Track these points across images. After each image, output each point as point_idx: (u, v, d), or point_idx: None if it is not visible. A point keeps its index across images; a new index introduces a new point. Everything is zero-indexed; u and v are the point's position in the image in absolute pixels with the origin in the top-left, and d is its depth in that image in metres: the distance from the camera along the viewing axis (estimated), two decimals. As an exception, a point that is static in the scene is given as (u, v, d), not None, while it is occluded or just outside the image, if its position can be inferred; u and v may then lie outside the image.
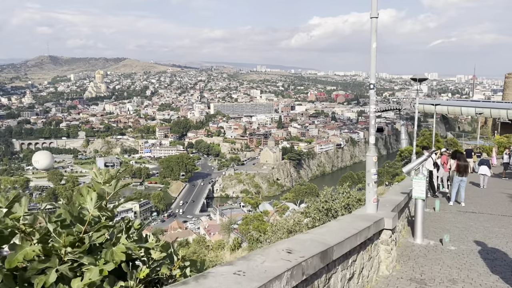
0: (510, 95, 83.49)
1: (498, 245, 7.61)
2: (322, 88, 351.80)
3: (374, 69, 5.71)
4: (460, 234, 8.59)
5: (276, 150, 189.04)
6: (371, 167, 6.01)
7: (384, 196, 8.12)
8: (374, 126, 5.88)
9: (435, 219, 10.45)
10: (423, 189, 7.15)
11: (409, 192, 8.45)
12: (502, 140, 49.82)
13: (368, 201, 5.92)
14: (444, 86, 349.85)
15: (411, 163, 7.54)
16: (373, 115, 5.95)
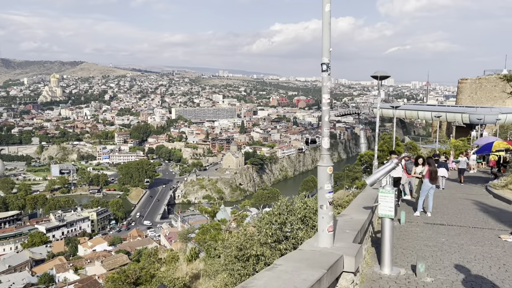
0: (464, 99, 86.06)
1: (481, 272, 6.32)
2: (284, 93, 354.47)
3: (328, 42, 4.27)
4: (433, 256, 7.24)
5: (239, 155, 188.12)
6: (325, 182, 4.50)
7: (344, 213, 6.66)
8: (328, 124, 4.41)
9: (402, 234, 9.12)
10: (391, 205, 5.74)
11: (373, 207, 7.09)
12: (458, 144, 50.60)
13: (322, 230, 4.43)
14: (400, 92, 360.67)
15: (376, 173, 6.08)
16: (326, 109, 4.49)
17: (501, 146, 25.03)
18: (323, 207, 4.63)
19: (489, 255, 7.36)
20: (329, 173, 4.52)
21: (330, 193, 4.57)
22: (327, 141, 4.59)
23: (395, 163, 5.95)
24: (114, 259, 73.98)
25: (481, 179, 26.38)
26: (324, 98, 4.57)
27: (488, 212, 13.22)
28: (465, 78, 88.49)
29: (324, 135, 4.62)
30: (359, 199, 9.06)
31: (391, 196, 5.77)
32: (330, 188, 4.55)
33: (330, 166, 4.56)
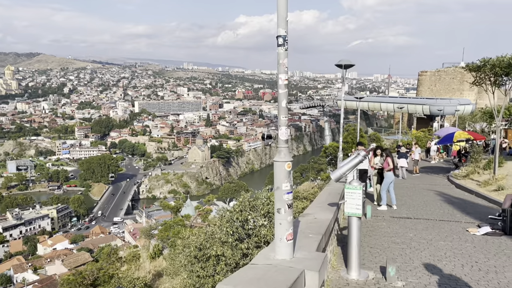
0: (424, 91, 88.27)
1: (454, 271, 5.88)
2: (250, 86, 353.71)
3: (285, 9, 3.48)
4: (402, 254, 6.77)
5: (205, 148, 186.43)
6: (282, 181, 3.73)
7: (307, 212, 6.04)
8: (286, 110, 3.71)
9: (369, 230, 8.66)
10: (359, 202, 5.18)
11: (339, 204, 6.53)
12: (419, 135, 51.66)
13: (279, 239, 3.73)
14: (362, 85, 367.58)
15: (341, 167, 5.50)
16: (283, 92, 3.74)
17: (462, 136, 25.35)
18: (280, 211, 3.81)
19: (460, 252, 6.98)
20: (287, 170, 3.74)
21: (289, 194, 3.79)
22: (285, 132, 3.75)
23: (363, 156, 5.37)
24: (75, 258, 71.46)
25: (443, 169, 26.77)
26: (280, 78, 3.73)
27: (452, 204, 13.09)
28: (424, 71, 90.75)
29: (281, 124, 3.76)
30: (324, 194, 8.50)
31: (358, 192, 5.20)
32: (289, 188, 3.77)
33: (289, 161, 3.77)
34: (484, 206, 12.99)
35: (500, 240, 7.94)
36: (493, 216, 9.48)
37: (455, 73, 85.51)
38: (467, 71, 17.69)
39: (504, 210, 8.62)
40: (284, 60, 3.58)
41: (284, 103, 3.79)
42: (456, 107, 67.27)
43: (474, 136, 25.61)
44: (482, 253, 6.89)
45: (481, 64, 16.57)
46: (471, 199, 14.52)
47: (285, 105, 3.74)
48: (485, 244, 7.54)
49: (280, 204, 3.83)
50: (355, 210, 5.21)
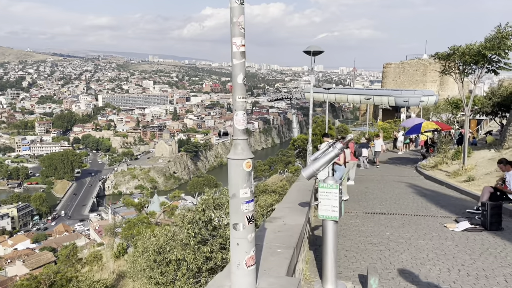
0: (388, 83, 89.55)
1: (441, 278, 5.22)
2: (217, 79, 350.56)
3: None
4: (381, 258, 6.07)
5: (172, 142, 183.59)
6: (240, 186, 2.83)
7: (275, 216, 5.15)
8: (243, 89, 2.79)
9: (343, 229, 7.96)
10: (336, 203, 4.40)
11: (311, 205, 5.73)
12: (385, 126, 52.12)
13: (237, 265, 2.72)
14: (329, 78, 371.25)
15: (314, 162, 4.68)
16: (239, 63, 2.75)
17: (429, 126, 25.33)
18: (238, 227, 2.82)
19: (442, 252, 6.35)
20: (246, 171, 2.80)
21: (250, 204, 2.84)
22: (242, 118, 2.79)
23: (340, 149, 4.58)
24: (37, 258, 68.47)
25: (410, 160, 26.74)
26: (235, 44, 2.71)
27: (425, 196, 12.65)
28: (389, 63, 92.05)
29: (237, 108, 2.79)
30: (293, 191, 7.70)
31: (335, 192, 4.42)
32: (249, 195, 2.83)
33: (248, 159, 2.82)
34: (457, 198, 12.63)
35: (481, 236, 7.41)
36: (471, 210, 9.01)
37: (418, 65, 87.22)
38: (436, 59, 17.35)
39: (483, 204, 8.12)
40: (239, 18, 2.64)
41: (241, 78, 2.80)
42: (421, 98, 68.51)
43: (441, 126, 25.63)
44: (466, 253, 6.30)
45: (450, 52, 16.24)
46: (442, 191, 14.18)
47: (241, 81, 2.82)
48: (467, 242, 6.97)
49: (237, 218, 2.85)
50: (331, 212, 4.43)
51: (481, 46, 15.35)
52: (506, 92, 27.76)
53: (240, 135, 2.90)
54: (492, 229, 7.76)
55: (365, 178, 17.52)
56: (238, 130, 2.89)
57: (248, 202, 2.89)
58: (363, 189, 14.44)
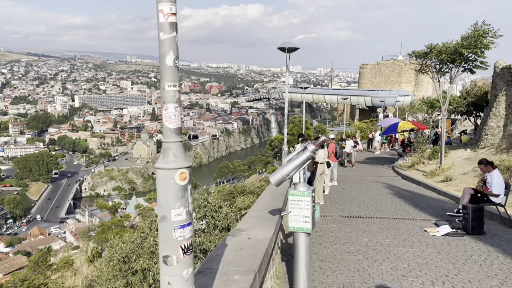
0: (365, 84, 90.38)
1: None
2: (196, 79, 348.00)
3: None
4: (360, 270, 5.60)
5: (151, 143, 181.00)
6: (172, 205, 2.12)
7: (239, 228, 4.55)
8: (174, 72, 2.07)
9: (318, 236, 7.48)
10: (308, 213, 3.90)
11: (281, 215, 5.16)
12: (362, 126, 52.30)
13: None
14: (307, 78, 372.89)
15: (283, 167, 4.17)
16: (169, 37, 1.99)
17: (405, 126, 25.29)
18: (169, 260, 2.15)
19: (424, 261, 5.93)
20: (180, 184, 2.11)
21: (185, 229, 2.13)
22: (173, 112, 2.17)
23: (312, 151, 4.07)
24: (11, 262, 66.09)
25: (387, 160, 26.64)
26: (162, 12, 2.06)
27: (403, 198, 12.33)
28: (365, 64, 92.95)
29: (166, 100, 2.18)
30: (265, 196, 7.14)
31: (307, 200, 3.91)
32: (184, 217, 2.13)
33: (183, 168, 2.12)
34: (435, 199, 12.35)
35: (463, 242, 7.04)
36: (452, 213, 8.67)
37: (394, 66, 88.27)
38: (412, 58, 17.15)
39: (465, 206, 7.77)
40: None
41: (171, 59, 2.11)
42: (397, 98, 69.15)
43: (417, 126, 25.61)
44: (449, 262, 5.89)
45: (427, 51, 16.04)
46: (420, 192, 13.92)
47: (172, 63, 2.14)
48: (449, 249, 6.58)
49: (169, 249, 2.15)
50: (302, 224, 3.92)
51: (457, 44, 15.21)
52: (480, 92, 27.96)
53: (172, 136, 2.17)
54: (474, 233, 7.42)
55: (343, 179, 17.19)
56: (168, 130, 2.17)
57: (183, 226, 2.16)
58: (340, 190, 14.07)
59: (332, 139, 17.20)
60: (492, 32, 14.61)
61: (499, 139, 17.71)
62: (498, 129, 18.25)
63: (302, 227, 3.94)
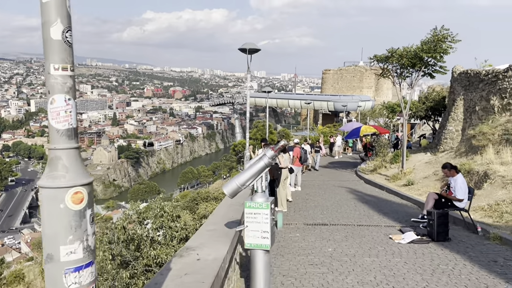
0: (327, 89, 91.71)
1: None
2: (159, 84, 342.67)
3: None
4: (323, 284, 5.19)
5: (111, 149, 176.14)
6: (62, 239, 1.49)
7: (190, 246, 4.00)
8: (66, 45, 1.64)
9: (280, 246, 7.05)
10: (266, 227, 3.45)
11: (237, 230, 4.63)
12: (325, 130, 52.79)
13: None
14: (271, 83, 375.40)
15: (239, 176, 3.69)
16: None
17: (368, 130, 25.48)
18: None
19: (391, 272, 5.60)
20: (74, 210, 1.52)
21: (83, 271, 1.56)
22: (63, 107, 1.57)
23: (271, 157, 3.63)
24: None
25: (350, 164, 26.76)
26: None
27: (367, 203, 12.15)
28: (328, 70, 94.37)
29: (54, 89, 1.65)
30: (223, 206, 6.60)
31: (265, 213, 3.46)
32: (80, 255, 1.56)
33: (77, 187, 1.53)
34: (398, 203, 12.25)
35: (429, 249, 6.80)
36: (417, 219, 8.48)
37: (355, 72, 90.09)
38: (374, 62, 17.17)
39: (429, 212, 7.57)
40: None
41: (58, 31, 1.61)
42: (358, 103, 70.60)
43: (379, 130, 25.87)
44: (417, 273, 5.59)
45: (388, 55, 16.10)
46: (383, 196, 13.83)
47: (60, 37, 1.62)
48: (416, 258, 6.31)
49: None
50: (260, 240, 3.46)
51: (418, 48, 15.32)
52: (438, 97, 28.63)
53: (61, 140, 1.59)
54: (439, 239, 7.22)
55: (306, 184, 16.95)
56: (56, 132, 1.58)
57: (78, 269, 1.57)
58: (304, 195, 13.77)
59: (296, 143, 16.93)
60: (451, 37, 14.82)
61: (458, 142, 18.01)
62: (457, 133, 18.58)
63: (260, 244, 3.49)
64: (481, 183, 11.10)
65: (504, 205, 8.88)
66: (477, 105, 16.97)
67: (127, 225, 9.61)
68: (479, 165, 12.38)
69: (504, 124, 14.18)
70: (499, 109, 15.40)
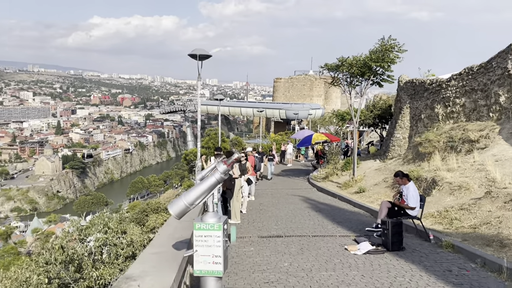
0: (279, 97, 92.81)
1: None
2: (107, 91, 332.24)
3: None
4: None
5: (55, 159, 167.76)
6: None
7: (131, 274, 3.55)
8: None
9: (234, 262, 6.67)
10: (218, 251, 3.08)
11: (185, 255, 4.22)
12: (277, 138, 53.13)
13: None
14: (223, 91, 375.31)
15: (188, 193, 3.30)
16: None
17: (319, 138, 25.77)
18: None
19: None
20: None
21: None
22: None
23: (223, 172, 3.27)
24: None
25: (302, 172, 26.90)
26: None
27: (320, 211, 12.06)
28: (279, 78, 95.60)
29: None
30: (172, 223, 6.14)
31: (217, 235, 3.09)
32: None
33: None
34: (351, 211, 12.26)
35: (385, 260, 6.70)
36: (371, 229, 8.42)
37: (305, 80, 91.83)
38: (324, 70, 17.31)
39: (384, 222, 7.51)
40: None
41: None
42: (309, 111, 71.84)
43: (330, 138, 26.24)
44: (375, 286, 5.43)
45: (338, 63, 16.29)
46: (336, 204, 13.84)
47: None
48: (373, 270, 6.16)
49: None
50: (211, 265, 3.08)
51: (366, 58, 15.61)
52: (385, 105, 29.50)
53: None
54: (394, 249, 7.15)
55: (260, 193, 16.71)
56: None
57: None
58: (257, 205, 13.48)
59: (251, 151, 16.65)
60: (397, 47, 15.22)
61: (405, 149, 18.51)
62: (404, 140, 19.11)
63: (212, 270, 3.11)
64: (429, 189, 11.33)
65: (453, 212, 9.04)
66: (423, 113, 17.55)
67: (67, 244, 8.84)
68: (427, 172, 12.68)
69: (448, 131, 14.70)
70: (443, 117, 15.98)
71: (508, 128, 12.21)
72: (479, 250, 6.54)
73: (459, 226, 8.30)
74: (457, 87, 15.13)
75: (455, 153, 13.03)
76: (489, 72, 13.51)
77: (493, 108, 13.22)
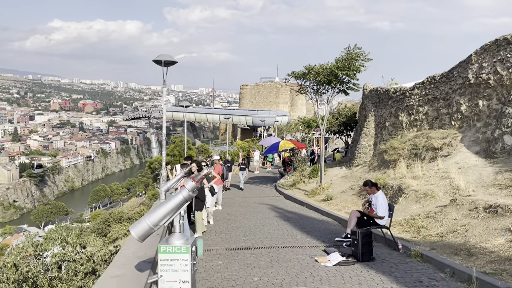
0: (245, 104, 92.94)
1: None
2: (67, 96, 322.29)
3: None
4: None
5: (12, 167, 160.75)
6: None
7: None
8: None
9: (201, 279, 6.38)
10: (186, 276, 2.82)
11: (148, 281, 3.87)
12: (244, 145, 53.01)
13: None
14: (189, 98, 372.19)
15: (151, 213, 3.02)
16: None
17: (286, 145, 25.73)
18: None
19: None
20: None
21: None
22: None
23: (191, 190, 3.01)
24: None
25: (270, 179, 26.81)
26: None
27: (289, 220, 11.92)
28: (245, 85, 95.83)
29: None
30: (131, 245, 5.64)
31: (184, 258, 2.83)
32: None
33: None
34: (320, 220, 12.19)
35: (356, 271, 6.60)
36: (340, 239, 8.33)
37: (271, 87, 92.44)
38: (291, 77, 17.33)
39: (353, 232, 7.43)
40: None
41: None
42: (275, 118, 72.25)
43: (297, 145, 26.28)
44: (348, 302, 5.30)
45: (306, 71, 16.33)
46: (304, 212, 13.75)
47: None
48: (344, 283, 6.04)
49: None
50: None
51: (333, 66, 15.73)
52: (350, 113, 29.94)
53: None
54: (364, 260, 7.07)
55: (227, 202, 16.44)
56: None
57: None
58: (225, 215, 13.21)
59: (218, 160, 16.36)
60: (363, 56, 15.43)
61: (371, 157, 18.75)
62: (369, 148, 19.36)
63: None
64: (396, 197, 11.43)
65: (420, 220, 9.12)
66: (387, 121, 17.85)
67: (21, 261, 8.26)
68: (393, 180, 12.82)
69: (413, 139, 14.97)
70: (407, 124, 16.30)
71: (470, 136, 12.55)
72: (447, 259, 6.55)
73: (427, 234, 8.35)
74: (420, 96, 15.48)
75: (419, 160, 13.26)
76: (451, 81, 13.88)
77: (454, 117, 13.57)
